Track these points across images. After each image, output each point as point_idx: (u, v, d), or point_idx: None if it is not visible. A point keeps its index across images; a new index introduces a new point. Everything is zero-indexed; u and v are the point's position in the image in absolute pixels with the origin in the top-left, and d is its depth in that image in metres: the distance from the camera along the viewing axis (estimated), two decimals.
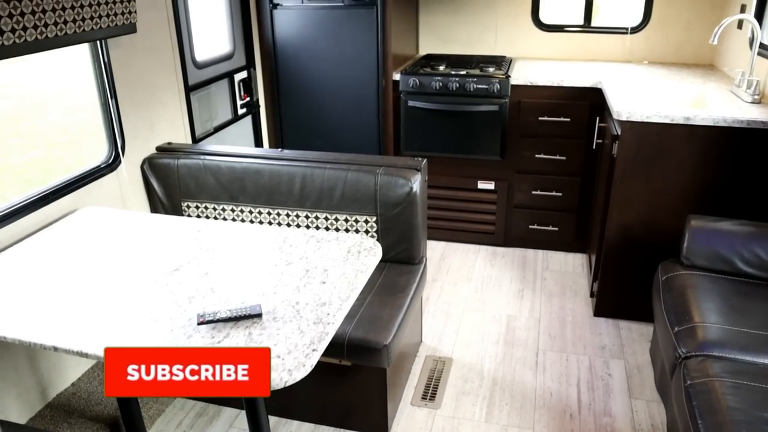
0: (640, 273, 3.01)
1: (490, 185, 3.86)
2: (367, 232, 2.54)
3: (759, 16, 3.26)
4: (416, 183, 2.44)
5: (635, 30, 4.05)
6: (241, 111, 3.71)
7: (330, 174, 2.53)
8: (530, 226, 3.90)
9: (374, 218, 2.51)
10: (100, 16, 2.33)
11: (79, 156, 3.07)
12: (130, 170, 2.72)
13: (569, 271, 3.73)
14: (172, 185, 2.77)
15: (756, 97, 2.96)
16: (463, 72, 3.68)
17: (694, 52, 3.99)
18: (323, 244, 1.95)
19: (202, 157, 2.74)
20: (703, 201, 2.86)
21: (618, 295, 3.18)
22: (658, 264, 2.68)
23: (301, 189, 2.57)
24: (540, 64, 4.00)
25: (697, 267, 2.54)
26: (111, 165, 2.65)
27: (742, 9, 3.47)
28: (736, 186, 2.82)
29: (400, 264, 2.60)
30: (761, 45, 3.10)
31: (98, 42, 2.51)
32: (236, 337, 1.52)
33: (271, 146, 4.05)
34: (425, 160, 2.58)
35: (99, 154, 2.66)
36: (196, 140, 3.20)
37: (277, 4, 3.72)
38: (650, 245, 2.97)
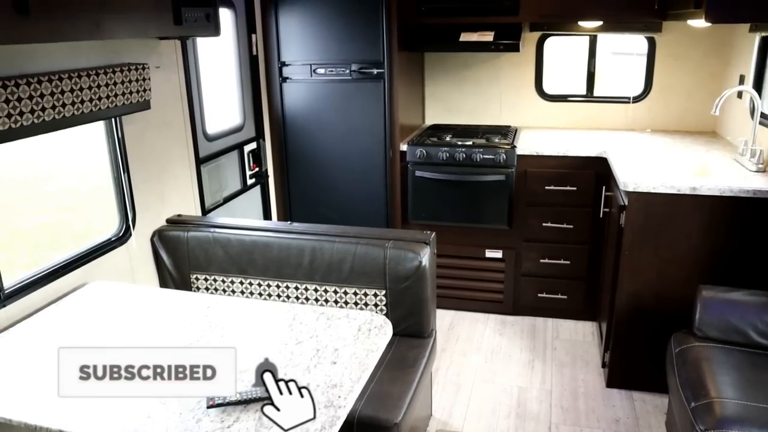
0: (652, 343, 2.97)
1: (498, 254, 3.86)
2: (376, 305, 2.53)
3: (758, 87, 3.33)
4: (425, 257, 2.45)
5: (637, 99, 4.13)
6: (250, 181, 3.75)
7: (339, 247, 2.54)
8: (539, 295, 3.88)
9: (383, 292, 2.51)
10: (116, 95, 2.39)
11: (88, 220, 3.10)
12: (140, 243, 2.74)
13: (579, 340, 3.68)
14: (181, 258, 2.78)
15: (760, 165, 2.99)
16: (470, 142, 3.74)
17: (695, 120, 4.06)
18: (333, 322, 1.94)
19: (211, 229, 2.76)
20: (713, 270, 2.85)
21: (631, 366, 3.13)
22: (671, 334, 2.65)
23: (310, 262, 2.58)
24: (545, 134, 4.06)
25: (711, 338, 2.51)
26: (122, 238, 2.66)
27: (741, 79, 3.55)
28: (746, 255, 2.82)
29: (409, 337, 2.57)
30: (762, 114, 3.16)
31: (113, 118, 2.57)
32: (246, 421, 1.49)
33: (279, 215, 4.08)
34: (434, 234, 2.59)
35: (107, 218, 2.68)
36: (205, 211, 3.23)
37: (287, 78, 3.83)
38: (662, 314, 2.95)
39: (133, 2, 2.13)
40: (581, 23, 3.89)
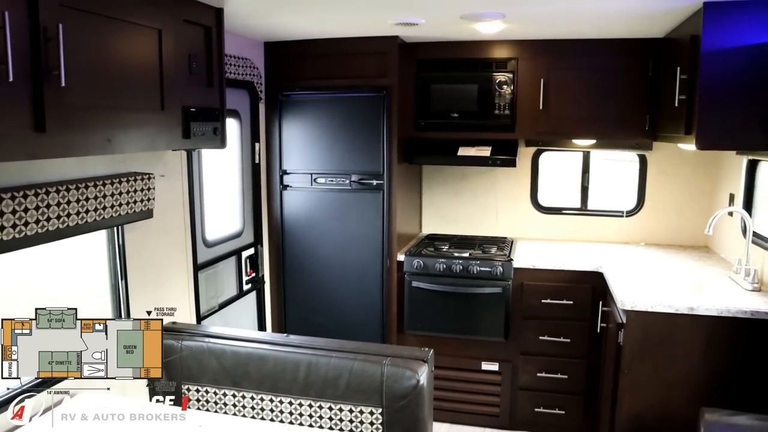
0: None
1: (494, 366, 3.81)
2: (372, 423, 2.46)
3: (748, 206, 3.41)
4: (423, 375, 2.40)
5: (631, 213, 4.22)
6: (246, 287, 3.74)
7: (335, 363, 2.49)
8: (536, 409, 3.79)
9: (380, 410, 2.44)
10: (120, 204, 2.43)
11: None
12: None
13: None
14: (173, 367, 2.72)
15: (756, 285, 3.01)
16: (467, 254, 3.77)
17: (689, 234, 4.12)
18: None
19: (206, 339, 2.71)
20: (715, 391, 2.80)
21: None
22: None
23: (305, 377, 2.52)
24: (540, 245, 4.10)
25: None
26: None
27: (731, 198, 3.63)
28: (747, 376, 2.78)
29: None
30: (755, 234, 3.21)
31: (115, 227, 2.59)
32: None
33: (273, 322, 4.04)
34: (432, 351, 2.55)
35: (100, 310, 2.65)
36: (200, 318, 3.19)
37: (288, 185, 3.90)
38: None
39: (144, 119, 2.20)
40: (575, 141, 4.03)
